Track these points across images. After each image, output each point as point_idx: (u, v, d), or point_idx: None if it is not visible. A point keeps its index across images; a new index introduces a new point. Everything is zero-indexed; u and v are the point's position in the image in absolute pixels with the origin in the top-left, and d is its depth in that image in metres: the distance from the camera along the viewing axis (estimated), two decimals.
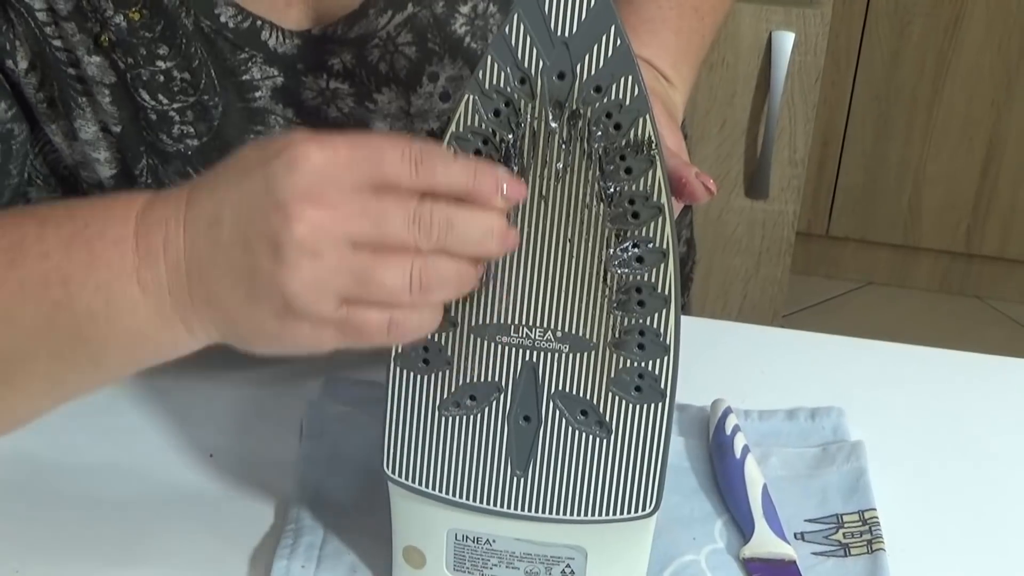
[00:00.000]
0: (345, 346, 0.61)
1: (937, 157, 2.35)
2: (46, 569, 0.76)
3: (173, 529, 0.79)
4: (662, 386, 0.66)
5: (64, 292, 0.62)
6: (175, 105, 0.81)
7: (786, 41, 1.68)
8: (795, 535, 0.78)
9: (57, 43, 0.79)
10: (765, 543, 0.77)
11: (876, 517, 0.79)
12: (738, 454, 0.81)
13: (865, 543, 0.77)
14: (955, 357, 0.96)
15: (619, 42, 0.61)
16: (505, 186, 0.60)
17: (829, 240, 2.49)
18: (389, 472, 0.69)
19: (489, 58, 0.62)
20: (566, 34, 0.62)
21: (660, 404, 0.66)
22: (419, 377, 0.67)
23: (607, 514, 0.68)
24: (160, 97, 0.81)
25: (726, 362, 0.93)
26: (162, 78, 0.81)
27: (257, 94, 0.83)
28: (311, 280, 0.58)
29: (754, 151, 1.75)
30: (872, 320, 2.41)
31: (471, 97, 0.63)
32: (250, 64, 0.82)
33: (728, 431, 0.83)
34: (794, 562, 0.76)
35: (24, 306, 0.63)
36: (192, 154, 0.83)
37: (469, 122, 0.63)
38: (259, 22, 0.81)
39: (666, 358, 0.65)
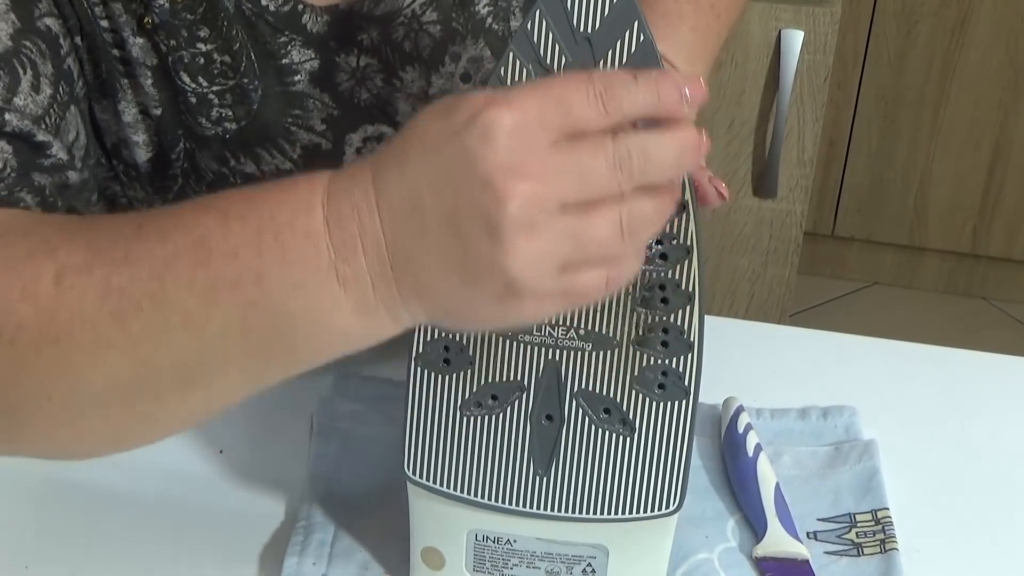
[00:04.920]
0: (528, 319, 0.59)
1: (943, 158, 2.35)
2: (55, 566, 0.76)
3: (183, 526, 0.79)
4: (686, 383, 0.66)
5: (259, 292, 0.59)
6: (214, 88, 0.81)
7: (795, 40, 1.68)
8: (808, 534, 0.78)
9: (104, 23, 0.79)
10: (778, 542, 0.77)
11: (889, 516, 0.79)
12: (750, 453, 0.81)
13: (878, 543, 0.77)
14: (968, 357, 0.96)
15: (642, 38, 0.61)
16: (687, 91, 0.57)
17: (835, 240, 2.48)
18: (410, 474, 0.69)
19: (511, 54, 0.62)
20: (589, 30, 0.61)
21: (684, 402, 0.66)
22: (440, 377, 0.67)
23: (630, 512, 0.68)
24: (200, 80, 0.81)
25: (738, 360, 0.92)
26: (202, 60, 0.81)
27: (296, 78, 0.83)
28: (533, 257, 0.55)
29: (762, 150, 1.75)
30: (877, 321, 2.41)
31: None
32: (289, 48, 0.82)
33: (740, 429, 0.83)
34: (807, 561, 0.76)
35: (217, 307, 0.60)
36: (230, 138, 0.83)
37: None
38: (300, 5, 0.81)
39: (690, 355, 0.65)
